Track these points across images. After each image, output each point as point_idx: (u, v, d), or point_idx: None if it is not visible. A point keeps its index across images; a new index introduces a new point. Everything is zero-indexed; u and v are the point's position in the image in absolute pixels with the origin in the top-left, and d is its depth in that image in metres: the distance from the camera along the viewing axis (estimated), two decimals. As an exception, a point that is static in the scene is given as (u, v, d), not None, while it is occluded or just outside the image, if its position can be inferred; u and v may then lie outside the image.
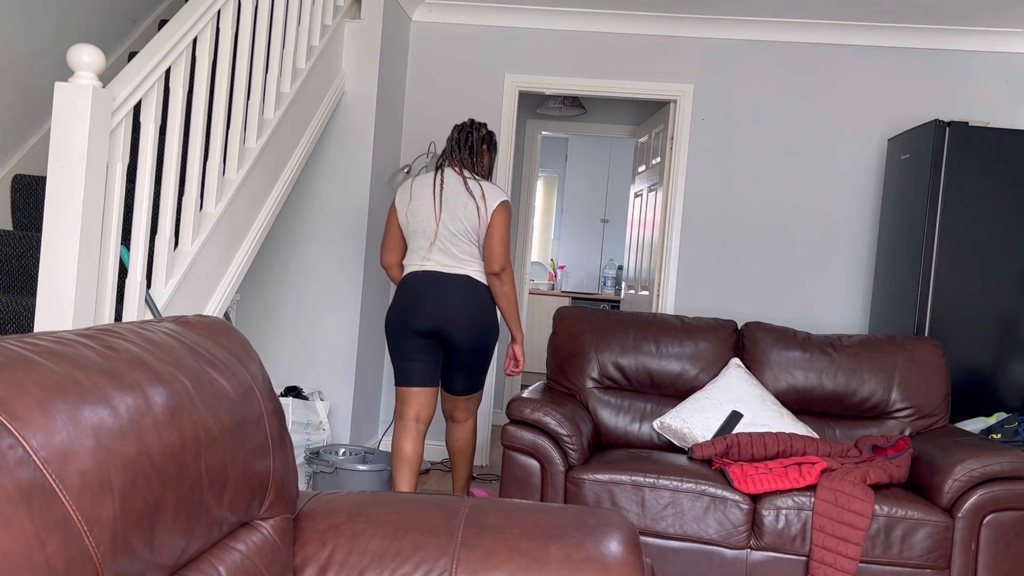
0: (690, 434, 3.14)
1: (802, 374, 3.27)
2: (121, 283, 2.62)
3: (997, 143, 3.70)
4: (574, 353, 3.37)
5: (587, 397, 3.34)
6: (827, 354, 3.29)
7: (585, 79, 4.65)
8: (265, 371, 1.42)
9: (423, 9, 4.67)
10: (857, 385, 3.24)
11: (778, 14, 4.38)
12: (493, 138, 3.37)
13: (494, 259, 3.16)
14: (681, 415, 3.19)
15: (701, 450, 2.99)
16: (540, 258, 8.54)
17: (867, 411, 3.27)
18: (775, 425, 3.11)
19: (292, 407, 3.67)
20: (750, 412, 3.13)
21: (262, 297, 4.20)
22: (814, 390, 3.26)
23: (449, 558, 1.36)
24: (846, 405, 3.26)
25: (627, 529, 1.46)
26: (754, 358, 3.33)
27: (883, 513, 2.69)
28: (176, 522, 1.04)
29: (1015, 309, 3.70)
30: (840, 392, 3.25)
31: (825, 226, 4.52)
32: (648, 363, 3.33)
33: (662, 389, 3.35)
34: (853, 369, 3.25)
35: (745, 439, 2.98)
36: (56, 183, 2.11)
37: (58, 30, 3.56)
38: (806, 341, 3.33)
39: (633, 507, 2.80)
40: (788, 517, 2.73)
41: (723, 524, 2.75)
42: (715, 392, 3.20)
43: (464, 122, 3.35)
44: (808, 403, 3.29)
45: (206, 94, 2.73)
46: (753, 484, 2.77)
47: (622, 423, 3.31)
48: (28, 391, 0.88)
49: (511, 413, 2.93)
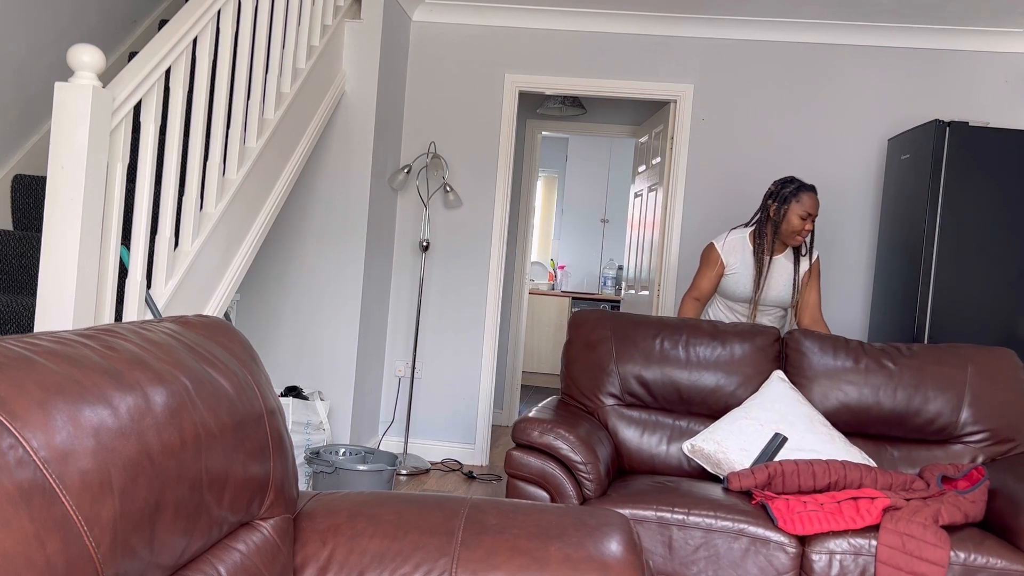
0: (725, 460, 2.73)
1: (855, 390, 2.83)
2: (121, 283, 2.62)
3: (997, 143, 3.70)
4: (591, 365, 2.99)
5: (606, 415, 2.94)
6: (884, 367, 2.85)
7: (585, 79, 4.65)
8: (265, 371, 1.42)
9: (423, 9, 4.67)
10: (920, 404, 2.80)
11: (778, 14, 4.38)
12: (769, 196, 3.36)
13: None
14: (715, 437, 2.77)
15: (739, 480, 2.56)
16: (540, 258, 8.54)
17: (932, 434, 2.82)
18: (825, 451, 2.67)
19: (292, 407, 3.67)
20: (795, 435, 2.71)
21: (262, 297, 4.20)
22: (870, 409, 2.82)
23: (449, 558, 1.36)
24: (907, 427, 2.83)
25: (627, 529, 1.46)
26: (799, 370, 2.91)
27: (959, 561, 2.25)
28: (176, 522, 1.04)
29: (1015, 309, 3.70)
30: (900, 412, 2.81)
31: (825, 226, 4.52)
32: (676, 376, 2.91)
33: (692, 406, 2.94)
34: (916, 385, 2.81)
35: (790, 468, 2.55)
36: (56, 183, 2.11)
37: (58, 30, 3.56)
38: (860, 351, 2.90)
39: (659, 548, 2.38)
40: (844, 564, 2.30)
41: (765, 571, 2.33)
42: (754, 411, 2.79)
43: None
44: (862, 424, 2.85)
45: (206, 94, 2.73)
46: (801, 523, 2.36)
47: (646, 445, 2.90)
48: (28, 391, 0.88)
49: (517, 436, 2.57)
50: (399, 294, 4.74)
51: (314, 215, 4.15)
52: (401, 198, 4.73)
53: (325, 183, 4.14)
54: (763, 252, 3.28)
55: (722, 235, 3.39)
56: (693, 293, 3.39)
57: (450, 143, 4.72)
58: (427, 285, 4.74)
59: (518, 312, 5.91)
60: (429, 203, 4.72)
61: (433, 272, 4.75)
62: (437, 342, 4.74)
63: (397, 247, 4.74)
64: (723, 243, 3.35)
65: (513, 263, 5.88)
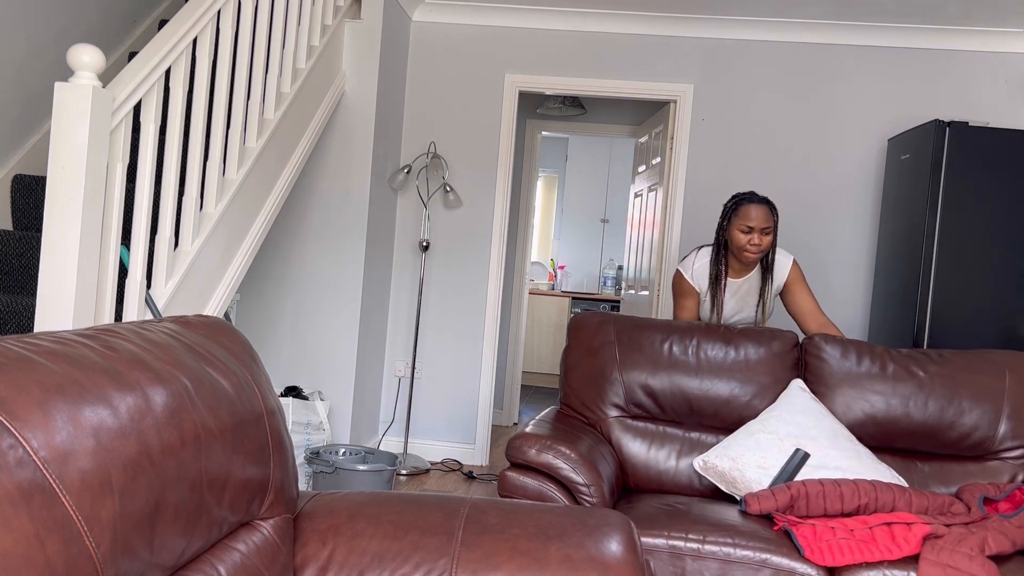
0: (741, 478, 2.48)
1: (882, 400, 2.60)
2: (121, 283, 2.62)
3: (997, 143, 3.70)
4: (593, 372, 2.75)
5: (609, 428, 2.71)
6: (914, 375, 2.63)
7: (585, 79, 4.65)
8: (265, 371, 1.42)
9: (423, 9, 4.67)
10: (954, 416, 2.57)
11: (778, 14, 4.38)
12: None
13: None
14: (730, 453, 2.53)
15: (758, 502, 2.31)
16: (540, 258, 8.54)
17: (966, 449, 2.60)
18: (852, 469, 2.42)
19: (292, 407, 3.67)
20: (818, 451, 2.45)
21: (262, 297, 4.20)
22: (898, 421, 2.59)
23: (449, 558, 1.36)
24: (939, 441, 2.60)
25: (627, 529, 1.46)
26: (820, 379, 2.68)
27: None
28: (176, 522, 1.04)
29: (1015, 309, 3.70)
30: (932, 424, 2.58)
31: (825, 226, 4.52)
32: (686, 385, 2.68)
33: (704, 419, 2.71)
34: (949, 395, 2.59)
35: (815, 488, 2.30)
36: (56, 183, 2.11)
37: (58, 30, 3.56)
38: (886, 357, 2.68)
39: None
40: None
41: None
42: (772, 423, 2.54)
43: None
44: (889, 438, 2.62)
45: (206, 94, 2.73)
46: (831, 553, 2.11)
47: (654, 461, 2.67)
48: (28, 391, 0.88)
49: (512, 454, 2.33)
50: (399, 294, 4.74)
51: (314, 215, 4.15)
52: (401, 198, 4.73)
53: (325, 183, 4.14)
54: (718, 276, 3.09)
55: (688, 259, 3.19)
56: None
57: (450, 143, 4.72)
58: (427, 285, 4.74)
59: (518, 312, 5.91)
60: (429, 203, 4.72)
61: (433, 272, 4.75)
62: (437, 342, 4.75)
63: (397, 247, 4.74)
64: (691, 271, 3.15)
65: (513, 263, 5.88)
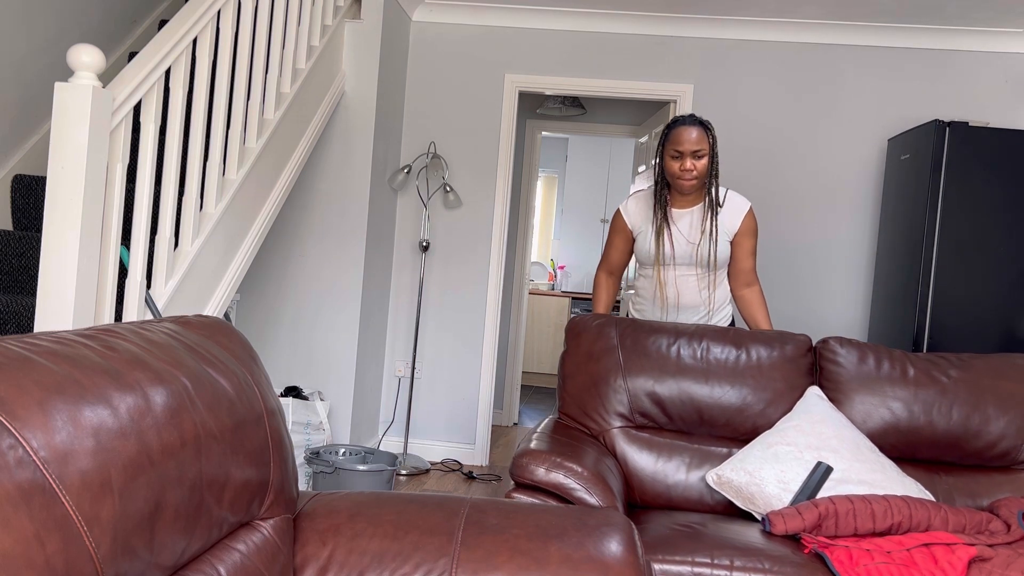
0: (760, 493, 2.30)
1: (903, 408, 2.46)
2: (121, 283, 2.62)
3: (997, 143, 3.70)
4: (595, 379, 2.56)
5: (613, 439, 2.53)
6: (936, 380, 2.49)
7: (585, 79, 4.65)
8: (265, 371, 1.42)
9: (423, 9, 4.67)
10: (980, 424, 2.44)
11: (778, 14, 4.38)
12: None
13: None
14: (746, 466, 2.35)
15: (784, 522, 2.12)
16: (540, 258, 8.54)
17: (992, 459, 2.47)
18: (877, 483, 2.25)
19: (292, 407, 3.67)
20: (841, 464, 2.28)
21: (262, 297, 4.20)
22: (921, 430, 2.46)
23: (449, 558, 1.36)
24: (963, 451, 2.47)
25: (627, 529, 1.46)
26: (836, 386, 2.52)
27: None
28: (176, 522, 1.04)
29: (1015, 309, 3.70)
30: (956, 433, 2.45)
31: (825, 226, 4.52)
32: (696, 393, 2.51)
33: (715, 428, 2.54)
34: (974, 402, 2.46)
35: (845, 506, 2.11)
36: (56, 183, 2.11)
37: (58, 30, 3.56)
38: (905, 361, 2.54)
39: None
40: None
41: None
42: (790, 434, 2.37)
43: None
44: (912, 448, 2.49)
45: (206, 94, 2.73)
46: None
47: (662, 475, 2.48)
48: (28, 391, 0.88)
49: (518, 473, 2.12)
50: (399, 294, 4.74)
51: (314, 215, 4.15)
52: (401, 198, 4.73)
53: (325, 183, 4.14)
54: (659, 206, 2.87)
55: (628, 197, 3.01)
56: (603, 266, 3.07)
57: (450, 143, 4.72)
58: (427, 285, 4.74)
59: (518, 312, 5.91)
60: (429, 203, 4.72)
61: (433, 272, 4.75)
62: (437, 342, 4.74)
63: (397, 247, 4.74)
64: (627, 205, 2.96)
65: (513, 263, 5.88)
